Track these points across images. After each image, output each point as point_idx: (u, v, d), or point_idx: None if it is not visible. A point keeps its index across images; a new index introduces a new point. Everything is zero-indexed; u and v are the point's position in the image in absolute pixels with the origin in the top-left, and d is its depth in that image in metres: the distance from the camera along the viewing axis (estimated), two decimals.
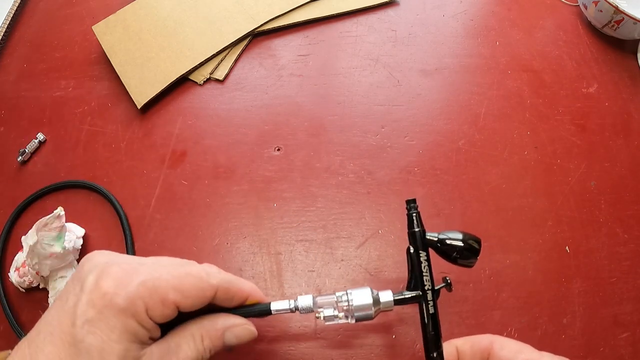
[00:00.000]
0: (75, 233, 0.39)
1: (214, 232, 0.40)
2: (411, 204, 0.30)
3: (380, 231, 0.40)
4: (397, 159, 0.43)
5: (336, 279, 0.38)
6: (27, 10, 0.56)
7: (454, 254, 0.29)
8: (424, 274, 0.29)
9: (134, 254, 0.39)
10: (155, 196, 0.42)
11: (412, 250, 0.29)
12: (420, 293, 0.28)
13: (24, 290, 0.38)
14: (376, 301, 0.28)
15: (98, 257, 0.25)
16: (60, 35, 0.53)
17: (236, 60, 0.49)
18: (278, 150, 0.44)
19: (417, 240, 0.29)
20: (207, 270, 0.26)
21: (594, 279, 0.38)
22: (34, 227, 0.35)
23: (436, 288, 0.29)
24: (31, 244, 0.35)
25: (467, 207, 0.41)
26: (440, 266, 0.31)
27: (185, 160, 0.44)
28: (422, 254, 0.29)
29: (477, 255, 0.29)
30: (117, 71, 0.47)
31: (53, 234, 0.36)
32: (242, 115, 0.46)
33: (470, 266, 0.29)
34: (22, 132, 0.46)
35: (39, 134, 0.46)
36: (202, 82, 0.48)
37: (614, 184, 0.42)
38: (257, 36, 0.51)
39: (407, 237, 0.29)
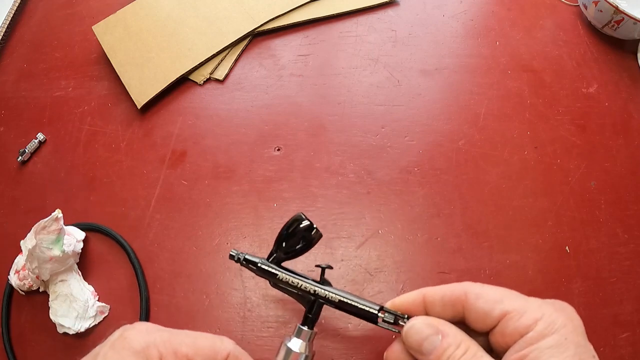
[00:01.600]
0: (75, 236, 0.38)
1: (214, 232, 0.40)
2: (238, 255, 0.30)
3: (380, 231, 0.40)
4: (397, 159, 0.43)
5: (336, 279, 0.38)
6: (27, 10, 0.56)
7: (302, 243, 0.28)
8: (299, 285, 0.28)
9: (147, 290, 0.38)
10: (155, 196, 0.42)
11: (272, 282, 0.29)
12: (313, 299, 0.27)
13: (23, 293, 0.38)
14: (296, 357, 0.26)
15: (128, 324, 0.26)
16: (60, 35, 0.53)
17: (236, 60, 0.49)
18: (278, 150, 0.44)
19: (267, 268, 0.29)
20: (223, 338, 0.27)
21: (594, 279, 0.38)
22: (32, 230, 0.35)
23: (320, 281, 0.28)
24: (30, 247, 0.34)
25: (467, 207, 0.41)
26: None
27: (185, 160, 0.44)
28: (281, 274, 0.28)
29: (312, 223, 0.28)
30: (117, 71, 0.47)
31: (52, 237, 0.35)
32: (242, 115, 0.46)
33: (320, 235, 0.28)
34: (22, 132, 0.46)
35: (39, 134, 0.46)
36: (202, 82, 0.48)
37: (614, 184, 0.42)
38: (257, 36, 0.51)
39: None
